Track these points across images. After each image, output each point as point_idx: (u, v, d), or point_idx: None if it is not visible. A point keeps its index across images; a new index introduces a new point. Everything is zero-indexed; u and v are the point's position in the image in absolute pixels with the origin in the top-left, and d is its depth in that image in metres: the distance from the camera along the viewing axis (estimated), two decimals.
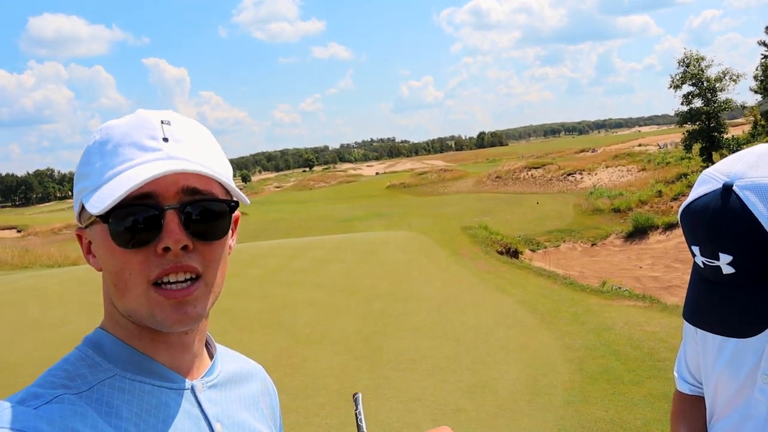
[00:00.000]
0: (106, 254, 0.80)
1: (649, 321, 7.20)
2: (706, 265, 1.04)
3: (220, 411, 0.90)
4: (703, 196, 1.03)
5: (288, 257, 14.24)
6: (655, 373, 5.44)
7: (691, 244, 1.06)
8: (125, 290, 0.79)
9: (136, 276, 0.78)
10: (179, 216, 0.79)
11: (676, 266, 17.29)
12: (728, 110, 35.36)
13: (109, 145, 0.81)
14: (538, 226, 27.56)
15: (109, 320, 0.87)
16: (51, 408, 0.73)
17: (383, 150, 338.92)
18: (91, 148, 0.83)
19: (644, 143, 68.70)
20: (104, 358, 0.82)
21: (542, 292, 9.35)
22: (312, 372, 6.11)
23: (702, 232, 1.02)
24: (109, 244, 0.79)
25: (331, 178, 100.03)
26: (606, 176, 42.53)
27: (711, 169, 1.07)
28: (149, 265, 0.78)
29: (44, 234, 53.05)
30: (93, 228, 0.83)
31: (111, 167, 0.79)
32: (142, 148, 0.80)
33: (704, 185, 1.05)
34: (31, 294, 12.02)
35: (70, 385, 0.77)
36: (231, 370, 0.99)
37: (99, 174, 0.79)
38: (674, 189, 29.18)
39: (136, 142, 0.80)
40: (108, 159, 0.80)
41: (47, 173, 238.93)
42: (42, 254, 25.96)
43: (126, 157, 0.79)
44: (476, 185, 51.93)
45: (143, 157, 0.79)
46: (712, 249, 1.01)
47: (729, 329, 1.06)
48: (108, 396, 0.79)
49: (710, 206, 1.01)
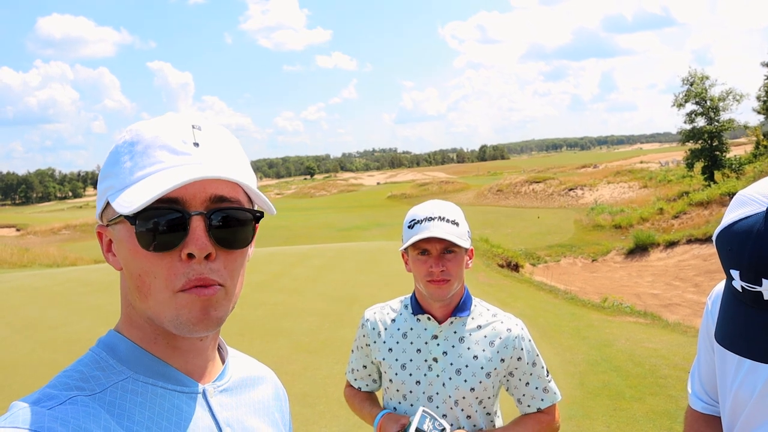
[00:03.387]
0: (129, 255, 0.80)
1: (651, 338, 7.18)
2: (745, 289, 0.99)
3: (230, 415, 0.91)
4: (744, 219, 0.98)
5: (288, 265, 14.21)
6: (657, 389, 5.41)
7: (730, 268, 1.01)
8: (148, 294, 0.80)
9: (161, 281, 0.78)
10: (205, 222, 0.79)
11: (677, 284, 17.24)
12: (731, 130, 35.43)
13: (139, 146, 0.80)
14: (539, 241, 27.53)
15: (126, 322, 0.87)
16: (65, 409, 0.74)
17: (384, 160, 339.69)
18: (120, 147, 0.82)
19: (646, 160, 68.83)
20: (117, 361, 0.83)
21: (543, 307, 9.33)
22: (312, 380, 6.08)
23: (745, 257, 0.96)
24: (133, 245, 0.79)
25: (332, 187, 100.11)
26: (607, 192, 42.54)
27: (750, 191, 1.01)
28: (174, 272, 0.78)
29: (43, 233, 52.94)
30: (116, 227, 0.82)
31: (141, 168, 0.79)
32: (174, 152, 0.80)
33: (744, 207, 1.00)
34: (30, 294, 11.97)
35: (84, 386, 0.78)
36: (242, 375, 1.00)
37: (128, 174, 0.79)
38: (676, 207, 29.14)
39: (167, 145, 0.80)
40: (138, 159, 0.79)
41: (48, 173, 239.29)
42: (41, 254, 25.93)
43: (157, 159, 0.79)
44: (477, 198, 51.95)
45: (174, 160, 0.79)
46: (755, 274, 0.96)
47: (765, 356, 1.01)
48: (121, 398, 0.79)
49: (753, 230, 0.95)
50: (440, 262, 1.69)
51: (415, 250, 1.72)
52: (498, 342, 1.77)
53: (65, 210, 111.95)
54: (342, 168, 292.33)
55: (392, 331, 1.85)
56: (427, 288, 1.72)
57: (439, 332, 1.78)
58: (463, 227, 1.73)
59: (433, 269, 1.68)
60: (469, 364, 1.75)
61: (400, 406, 1.82)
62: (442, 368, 1.75)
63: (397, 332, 1.84)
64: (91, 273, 14.80)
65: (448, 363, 1.75)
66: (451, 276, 1.69)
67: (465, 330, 1.78)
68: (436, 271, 1.68)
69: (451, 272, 1.69)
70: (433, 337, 1.78)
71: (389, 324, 1.86)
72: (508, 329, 1.78)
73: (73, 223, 55.57)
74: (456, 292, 1.76)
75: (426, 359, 1.77)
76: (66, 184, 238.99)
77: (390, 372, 1.83)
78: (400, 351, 1.81)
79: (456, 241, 1.67)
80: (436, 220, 1.68)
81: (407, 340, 1.81)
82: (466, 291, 1.82)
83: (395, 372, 1.81)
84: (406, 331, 1.82)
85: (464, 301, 1.80)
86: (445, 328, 1.78)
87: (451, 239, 1.66)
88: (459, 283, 1.75)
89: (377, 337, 1.86)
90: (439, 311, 1.79)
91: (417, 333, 1.80)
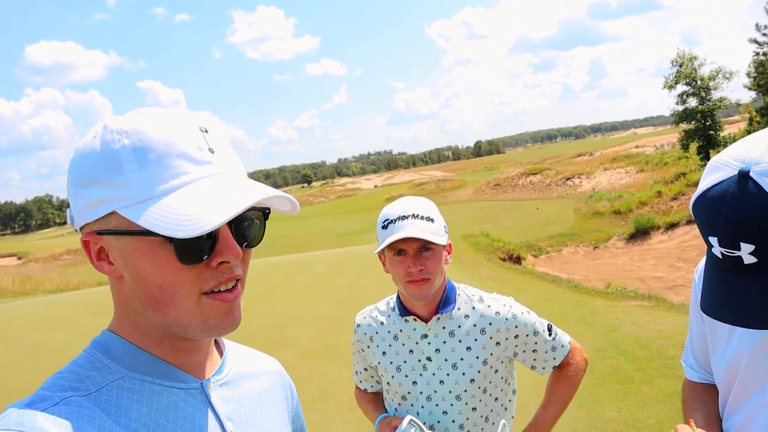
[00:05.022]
0: (150, 267, 0.77)
1: (656, 320, 7.17)
2: (725, 255, 0.99)
3: (231, 409, 0.89)
4: (717, 185, 0.97)
5: (291, 273, 14.21)
6: (665, 371, 5.40)
7: (708, 235, 1.01)
8: (171, 302, 0.78)
9: (188, 289, 0.77)
10: (231, 228, 0.78)
11: (680, 265, 17.24)
12: (723, 108, 35.44)
13: (150, 155, 0.75)
14: (540, 232, 27.52)
15: (127, 325, 0.84)
16: (59, 410, 0.73)
17: (381, 163, 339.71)
18: (120, 153, 0.75)
19: (641, 145, 68.85)
20: (113, 360, 0.82)
21: (547, 296, 9.32)
22: (320, 385, 6.08)
23: (721, 222, 0.96)
24: (158, 258, 0.76)
25: (330, 193, 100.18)
26: (605, 179, 42.52)
27: (723, 155, 1.01)
28: (203, 278, 0.78)
29: (45, 260, 52.96)
30: (123, 239, 0.77)
31: (163, 180, 0.75)
32: (194, 161, 0.77)
33: (717, 172, 0.99)
34: (34, 320, 11.96)
35: (79, 387, 0.77)
36: (242, 367, 0.98)
37: (144, 185, 0.75)
38: (673, 189, 29.16)
39: (185, 153, 0.76)
40: (154, 170, 0.75)
41: (46, 199, 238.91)
42: (43, 280, 25.92)
43: (179, 171, 0.76)
44: (475, 194, 51.94)
45: (197, 171, 0.76)
46: (732, 239, 0.95)
47: (751, 321, 1.01)
48: (117, 397, 0.78)
49: (727, 194, 0.95)
50: (418, 261, 1.64)
51: (392, 250, 1.68)
52: (489, 328, 1.74)
53: (65, 235, 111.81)
54: (338, 173, 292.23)
55: (383, 334, 1.82)
56: (407, 289, 1.68)
57: (427, 331, 1.75)
58: (439, 222, 1.68)
59: (411, 269, 1.64)
60: (464, 357, 1.73)
61: (401, 407, 1.81)
62: (437, 366, 1.73)
63: (388, 335, 1.81)
64: (95, 296, 14.79)
65: (442, 359, 1.73)
66: (430, 274, 1.65)
67: (453, 323, 1.75)
68: (415, 270, 1.64)
69: (430, 270, 1.65)
70: (423, 336, 1.75)
71: (379, 327, 1.83)
72: (497, 312, 1.75)
73: (74, 248, 55.48)
74: (438, 289, 1.72)
75: (420, 359, 1.75)
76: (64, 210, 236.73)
77: (386, 375, 1.82)
78: (394, 353, 1.80)
79: (432, 239, 1.62)
80: (410, 219, 1.63)
81: (399, 342, 1.79)
82: (448, 284, 1.78)
83: (391, 375, 1.80)
84: (396, 333, 1.80)
85: (447, 295, 1.76)
86: (433, 326, 1.75)
87: (426, 237, 1.61)
88: (440, 279, 1.71)
89: (369, 341, 1.85)
90: (424, 310, 1.75)
91: (407, 334, 1.78)
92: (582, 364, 1.86)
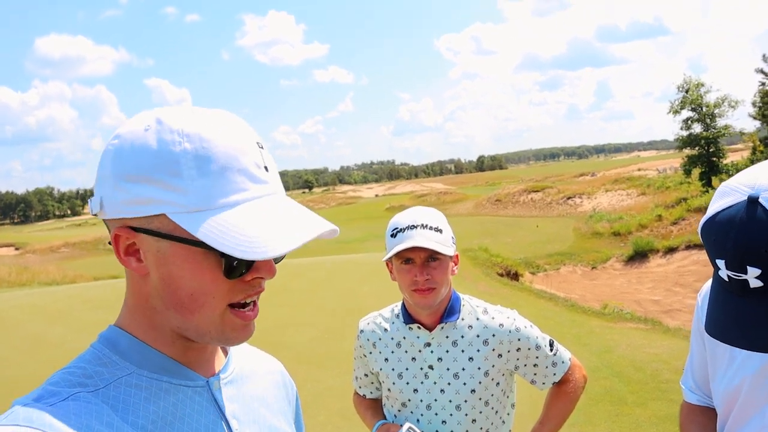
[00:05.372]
0: (189, 275, 0.77)
1: (652, 343, 7.17)
2: (731, 278, 1.00)
3: (236, 407, 0.90)
4: (726, 209, 1.00)
5: (288, 278, 14.18)
6: (659, 394, 5.41)
7: (716, 258, 1.03)
8: (199, 311, 0.79)
9: (218, 300, 0.79)
10: None
11: (677, 290, 17.24)
12: (727, 136, 35.58)
13: (213, 165, 0.74)
14: (538, 249, 27.53)
15: (140, 323, 0.84)
16: (67, 405, 0.73)
17: (383, 172, 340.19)
18: (181, 156, 0.73)
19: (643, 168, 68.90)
20: (120, 356, 0.81)
21: (544, 314, 9.32)
22: (313, 392, 6.07)
23: (729, 246, 0.98)
24: (200, 268, 0.77)
25: (330, 200, 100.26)
26: (606, 200, 42.60)
27: (732, 181, 1.03)
28: (235, 290, 0.79)
29: (42, 252, 52.93)
30: (164, 241, 0.76)
31: (223, 194, 0.74)
32: (253, 179, 0.77)
33: (726, 197, 1.02)
34: (30, 312, 11.94)
35: (87, 382, 0.77)
36: (247, 366, 0.99)
37: (203, 195, 0.74)
38: (674, 213, 29.21)
39: (245, 169, 0.76)
40: (215, 181, 0.74)
41: (47, 191, 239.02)
42: (40, 272, 25.84)
43: (238, 186, 0.75)
44: (476, 208, 52.00)
45: (255, 189, 0.77)
46: (739, 262, 0.97)
47: (756, 344, 1.02)
48: (124, 393, 0.78)
49: (736, 219, 0.97)
50: (425, 271, 1.67)
51: (399, 259, 1.70)
52: (492, 339, 1.76)
53: (64, 228, 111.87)
54: (340, 181, 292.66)
55: (386, 341, 1.84)
56: (412, 297, 1.70)
57: (431, 339, 1.77)
58: (447, 233, 1.71)
59: (418, 278, 1.67)
60: (466, 367, 1.74)
61: (400, 413, 1.82)
62: (438, 375, 1.75)
63: (391, 342, 1.83)
64: (91, 290, 14.78)
65: (444, 369, 1.75)
66: (436, 284, 1.68)
67: (457, 333, 1.76)
68: (421, 279, 1.66)
69: (436, 280, 1.68)
70: (426, 345, 1.77)
71: (383, 334, 1.85)
72: (500, 324, 1.77)
73: (72, 241, 55.58)
74: (443, 298, 1.74)
75: (422, 367, 1.77)
76: (65, 203, 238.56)
77: (387, 381, 1.83)
78: (396, 360, 1.81)
79: (439, 249, 1.65)
80: (418, 228, 1.66)
81: (401, 349, 1.81)
82: (453, 294, 1.80)
83: (392, 381, 1.81)
84: (399, 341, 1.82)
85: (452, 305, 1.78)
86: (437, 335, 1.76)
87: (434, 247, 1.64)
88: (446, 289, 1.73)
89: (372, 347, 1.86)
90: (428, 319, 1.77)
91: (410, 342, 1.79)
92: (581, 382, 1.88)
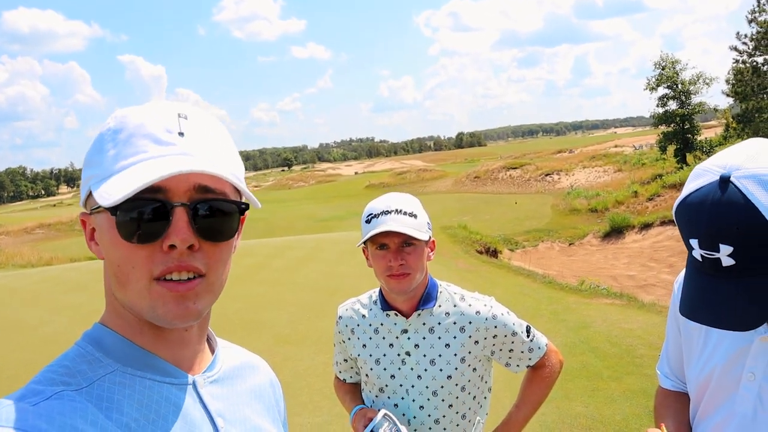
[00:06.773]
0: (109, 245, 0.79)
1: (627, 318, 7.30)
2: (704, 257, 1.03)
3: (222, 406, 0.90)
4: (699, 189, 1.02)
5: (268, 256, 14.16)
6: (634, 369, 5.52)
7: (689, 238, 1.05)
8: (126, 283, 0.78)
9: (139, 270, 0.77)
10: (188, 214, 0.77)
11: (652, 265, 17.55)
12: (701, 113, 36.00)
13: (123, 134, 0.78)
14: (517, 226, 27.78)
15: (111, 313, 0.85)
16: (50, 405, 0.72)
17: (362, 150, 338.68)
18: (105, 134, 0.80)
19: (620, 144, 69.65)
20: (104, 354, 0.81)
21: (522, 291, 9.43)
22: (294, 371, 6.10)
23: (702, 225, 1.00)
24: (113, 235, 0.77)
25: (310, 178, 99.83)
26: (583, 177, 43.02)
27: (705, 164, 1.06)
28: (153, 261, 0.77)
29: (16, 233, 51.92)
30: (98, 216, 0.80)
31: (124, 157, 0.77)
32: (157, 141, 0.78)
33: (699, 179, 1.04)
34: (6, 295, 11.76)
35: (70, 381, 0.76)
36: (233, 365, 0.99)
37: (110, 163, 0.77)
38: (650, 189, 29.58)
39: (152, 134, 0.78)
40: (121, 148, 0.78)
41: (20, 171, 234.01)
42: (14, 254, 25.42)
43: (140, 149, 0.77)
44: (455, 185, 52.18)
45: (157, 150, 0.77)
46: (711, 241, 1.00)
47: (728, 322, 1.04)
48: (109, 391, 0.78)
49: (708, 198, 0.99)
50: (399, 256, 1.67)
51: (374, 244, 1.70)
52: (468, 326, 1.77)
53: (38, 209, 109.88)
54: (320, 158, 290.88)
55: (364, 327, 1.85)
56: (387, 283, 1.70)
57: (408, 326, 1.78)
58: (422, 219, 1.71)
59: (392, 263, 1.66)
60: (443, 353, 1.75)
61: (378, 399, 1.83)
62: (415, 361, 1.76)
63: (369, 328, 1.84)
64: (67, 272, 14.59)
65: (421, 355, 1.76)
66: (411, 269, 1.68)
67: (434, 320, 1.77)
68: (395, 265, 1.66)
69: (411, 266, 1.67)
70: (403, 332, 1.78)
71: (360, 320, 1.86)
72: (477, 312, 1.78)
73: (47, 222, 54.61)
74: (419, 285, 1.74)
75: (399, 353, 1.78)
76: (38, 183, 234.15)
77: (365, 367, 1.84)
78: (374, 346, 1.82)
79: (414, 234, 1.65)
80: (393, 213, 1.66)
81: (379, 336, 1.81)
82: (430, 280, 1.80)
83: (370, 367, 1.82)
84: (377, 327, 1.82)
85: (429, 291, 1.78)
86: (414, 321, 1.77)
87: (408, 232, 1.64)
88: (421, 275, 1.73)
89: (351, 334, 1.87)
90: (404, 305, 1.77)
91: (387, 328, 1.80)
92: (557, 366, 1.91)
